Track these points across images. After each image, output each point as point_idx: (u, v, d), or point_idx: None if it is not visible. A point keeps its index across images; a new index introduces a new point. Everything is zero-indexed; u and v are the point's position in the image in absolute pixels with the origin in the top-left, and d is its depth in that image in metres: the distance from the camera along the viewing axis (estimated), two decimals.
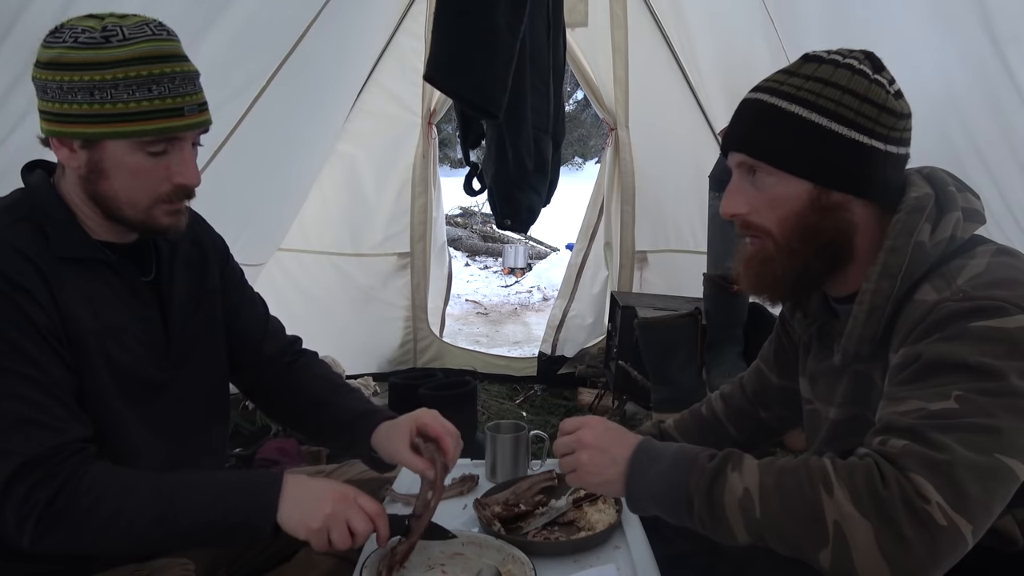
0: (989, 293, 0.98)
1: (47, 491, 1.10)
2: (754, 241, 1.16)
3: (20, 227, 1.19)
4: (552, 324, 4.25)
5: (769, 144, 1.10)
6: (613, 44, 3.79)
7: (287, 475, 1.20)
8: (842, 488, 0.94)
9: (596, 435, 1.15)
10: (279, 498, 1.17)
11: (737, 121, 1.16)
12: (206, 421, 1.43)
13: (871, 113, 1.07)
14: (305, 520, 1.16)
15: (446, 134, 5.69)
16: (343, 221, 4.01)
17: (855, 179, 1.09)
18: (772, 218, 1.12)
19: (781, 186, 1.11)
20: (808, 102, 1.08)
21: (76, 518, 1.12)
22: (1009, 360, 0.94)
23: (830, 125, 1.07)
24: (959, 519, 0.89)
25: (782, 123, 1.09)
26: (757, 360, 1.51)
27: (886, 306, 1.07)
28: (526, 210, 2.75)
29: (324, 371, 1.61)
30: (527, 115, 2.57)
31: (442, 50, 2.33)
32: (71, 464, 1.13)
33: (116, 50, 1.15)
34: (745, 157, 1.13)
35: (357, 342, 4.02)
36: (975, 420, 0.93)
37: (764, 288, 1.19)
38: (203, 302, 1.43)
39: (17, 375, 1.12)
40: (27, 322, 1.13)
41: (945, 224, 1.07)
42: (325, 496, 1.18)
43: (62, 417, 1.15)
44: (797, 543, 0.97)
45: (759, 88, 1.15)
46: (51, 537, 1.12)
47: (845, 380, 1.18)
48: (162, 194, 1.23)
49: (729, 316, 2.95)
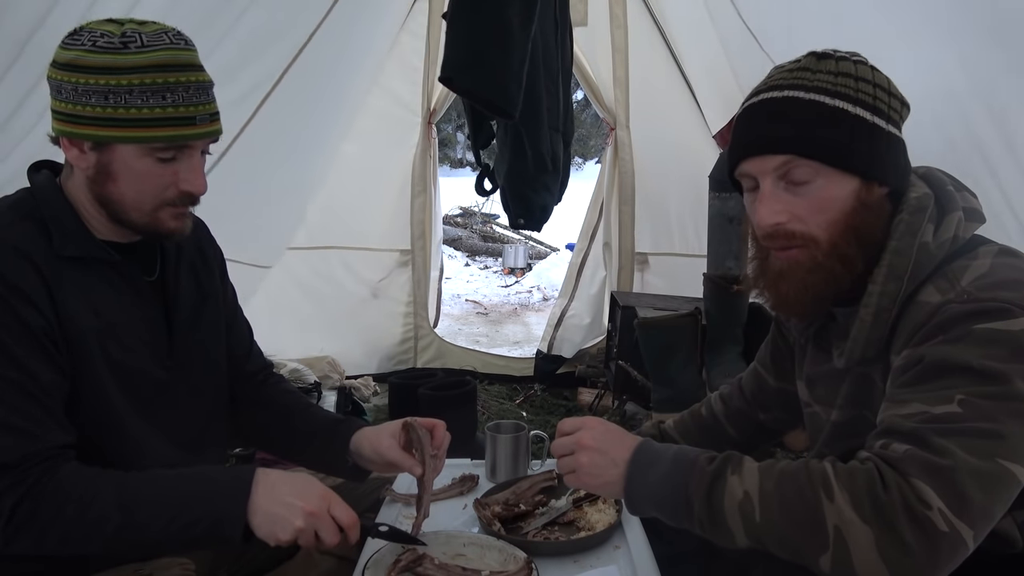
0: (993, 295, 0.97)
1: (11, 499, 1.10)
2: (794, 252, 1.09)
3: (22, 225, 1.20)
4: (551, 324, 4.26)
5: (823, 140, 1.04)
6: (613, 44, 3.79)
7: (257, 478, 1.17)
8: (843, 493, 0.93)
9: (595, 437, 1.14)
10: (248, 508, 1.15)
11: (771, 122, 1.08)
12: (206, 421, 1.43)
13: (896, 105, 1.08)
14: (275, 532, 1.15)
15: (445, 134, 5.70)
16: (344, 220, 4.02)
17: (893, 171, 1.08)
18: (819, 223, 1.06)
19: (830, 187, 1.06)
20: (850, 96, 1.05)
21: (40, 525, 1.12)
22: (1013, 363, 0.94)
23: (872, 118, 1.05)
24: (960, 525, 0.89)
25: (832, 117, 1.04)
26: (754, 362, 1.51)
27: (892, 308, 1.06)
28: (539, 209, 2.77)
29: (295, 388, 1.65)
30: (544, 114, 2.59)
31: (458, 51, 2.35)
32: (38, 471, 1.12)
33: (133, 56, 1.16)
34: (790, 158, 1.05)
35: (357, 340, 4.03)
36: (978, 425, 0.92)
37: (810, 300, 1.10)
38: (206, 304, 1.44)
39: (1, 378, 1.12)
40: (18, 323, 1.13)
41: (947, 224, 1.07)
42: (296, 508, 1.15)
43: (41, 422, 1.14)
44: (797, 547, 0.96)
45: (784, 85, 1.08)
46: (18, 543, 1.12)
47: (847, 383, 1.17)
48: (168, 199, 1.24)
49: (729, 316, 2.95)
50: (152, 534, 1.14)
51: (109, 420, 1.24)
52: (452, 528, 1.38)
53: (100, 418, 1.23)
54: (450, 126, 15.55)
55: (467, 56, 2.34)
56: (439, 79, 2.43)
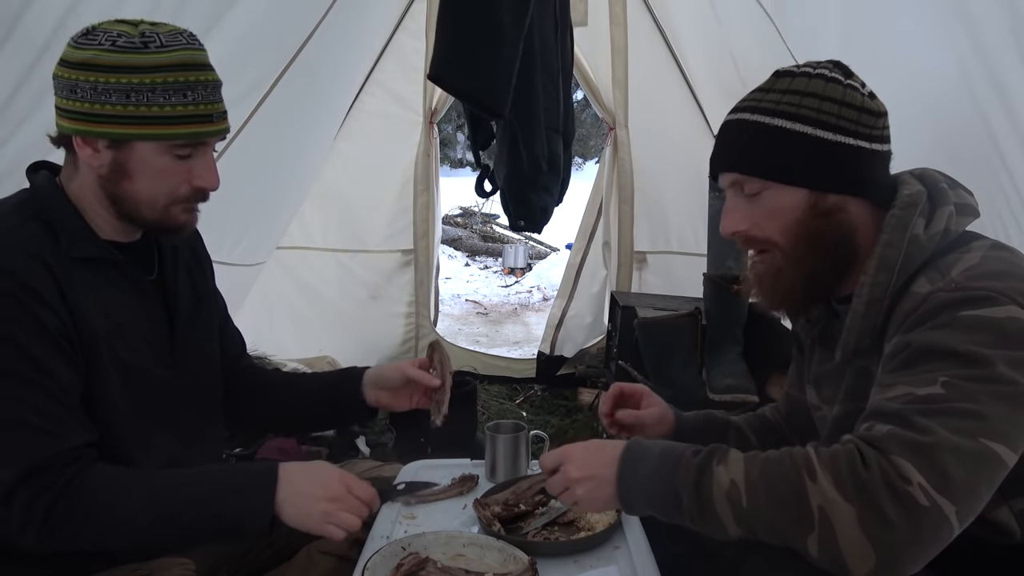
0: (981, 284, 1.00)
1: (47, 499, 1.13)
2: (762, 256, 1.19)
3: (31, 227, 1.21)
4: (551, 324, 4.25)
5: (759, 159, 1.14)
6: (612, 44, 3.78)
7: (281, 471, 1.23)
8: (825, 474, 0.95)
9: (580, 466, 1.16)
10: (274, 500, 1.20)
11: (723, 143, 1.20)
12: (205, 419, 1.44)
13: (851, 115, 1.11)
14: (302, 520, 1.21)
15: (446, 134, 5.71)
16: (344, 220, 4.02)
17: (847, 180, 1.13)
18: (775, 228, 1.15)
19: (778, 198, 1.14)
20: (790, 114, 1.12)
21: (75, 524, 1.14)
22: (997, 348, 0.96)
23: (815, 132, 1.11)
24: (942, 500, 0.90)
25: (769, 137, 1.13)
26: (786, 389, 1.50)
27: (884, 298, 1.09)
28: (539, 210, 2.76)
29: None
30: (540, 116, 2.58)
31: (446, 49, 2.33)
32: (70, 471, 1.15)
33: (154, 56, 1.18)
34: (737, 175, 1.16)
35: (358, 340, 4.02)
36: (960, 405, 0.94)
37: (782, 301, 1.21)
38: (201, 304, 1.46)
39: (22, 380, 1.13)
40: (37, 325, 1.14)
41: (939, 218, 1.10)
42: (318, 495, 1.21)
43: (66, 423, 1.17)
44: (785, 531, 0.98)
45: (737, 109, 1.19)
46: (52, 541, 1.14)
47: (847, 377, 1.19)
48: (181, 195, 1.27)
49: (729, 316, 2.95)
50: (180, 528, 1.19)
51: (115, 419, 1.25)
52: (452, 528, 1.38)
53: (107, 417, 1.24)
54: (450, 126, 15.54)
55: (456, 55, 2.32)
56: (427, 76, 2.41)
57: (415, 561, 1.20)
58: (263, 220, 3.48)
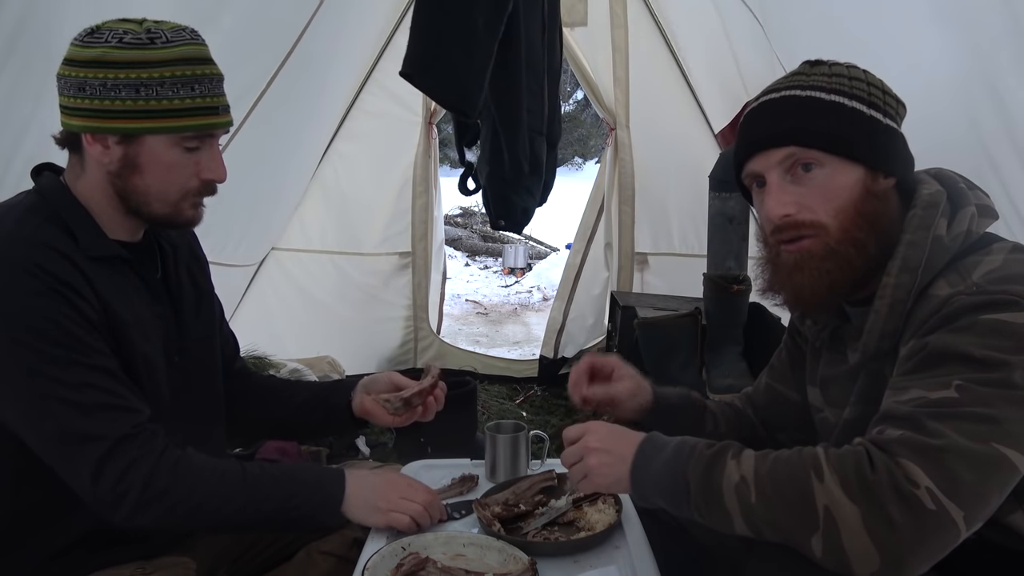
0: (1002, 288, 0.98)
1: (142, 471, 1.17)
2: (805, 243, 1.11)
3: (49, 227, 1.22)
4: (552, 327, 4.21)
5: (822, 130, 1.09)
6: (613, 44, 3.78)
7: (349, 473, 1.34)
8: (832, 474, 0.95)
9: (600, 438, 1.16)
10: (344, 496, 1.31)
11: (772, 119, 1.13)
12: (211, 416, 1.46)
13: (892, 103, 1.12)
14: (367, 516, 1.33)
15: (446, 134, 5.68)
16: (344, 221, 4.00)
17: (897, 163, 1.12)
18: (828, 210, 1.09)
19: (836, 175, 1.09)
20: (844, 91, 1.10)
21: (171, 501, 1.20)
22: (1015, 355, 0.94)
23: (870, 112, 1.10)
24: (950, 505, 0.89)
25: (830, 110, 1.10)
26: (765, 381, 1.48)
27: (907, 300, 1.07)
28: (520, 211, 2.74)
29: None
30: (523, 118, 2.55)
31: (418, 48, 2.31)
32: (159, 443, 1.20)
33: (162, 51, 1.21)
34: (795, 149, 1.10)
35: (357, 342, 4.02)
36: (973, 409, 0.93)
37: (827, 289, 1.11)
38: (202, 302, 1.47)
39: (87, 366, 1.17)
40: (81, 316, 1.18)
41: (961, 219, 1.08)
42: (382, 495, 1.33)
43: (134, 399, 1.22)
44: (790, 530, 0.97)
45: (780, 88, 1.14)
46: (144, 516, 1.19)
47: (860, 380, 1.18)
48: (191, 189, 1.29)
49: (729, 316, 2.94)
50: (265, 514, 1.27)
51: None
52: (452, 528, 1.38)
53: None
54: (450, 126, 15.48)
55: (428, 55, 2.30)
56: (399, 73, 2.38)
57: (415, 561, 1.19)
58: (259, 220, 3.48)
